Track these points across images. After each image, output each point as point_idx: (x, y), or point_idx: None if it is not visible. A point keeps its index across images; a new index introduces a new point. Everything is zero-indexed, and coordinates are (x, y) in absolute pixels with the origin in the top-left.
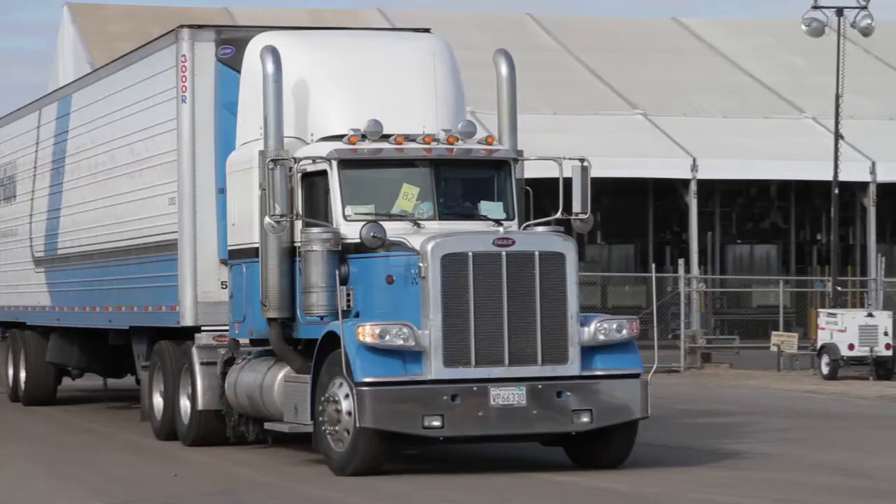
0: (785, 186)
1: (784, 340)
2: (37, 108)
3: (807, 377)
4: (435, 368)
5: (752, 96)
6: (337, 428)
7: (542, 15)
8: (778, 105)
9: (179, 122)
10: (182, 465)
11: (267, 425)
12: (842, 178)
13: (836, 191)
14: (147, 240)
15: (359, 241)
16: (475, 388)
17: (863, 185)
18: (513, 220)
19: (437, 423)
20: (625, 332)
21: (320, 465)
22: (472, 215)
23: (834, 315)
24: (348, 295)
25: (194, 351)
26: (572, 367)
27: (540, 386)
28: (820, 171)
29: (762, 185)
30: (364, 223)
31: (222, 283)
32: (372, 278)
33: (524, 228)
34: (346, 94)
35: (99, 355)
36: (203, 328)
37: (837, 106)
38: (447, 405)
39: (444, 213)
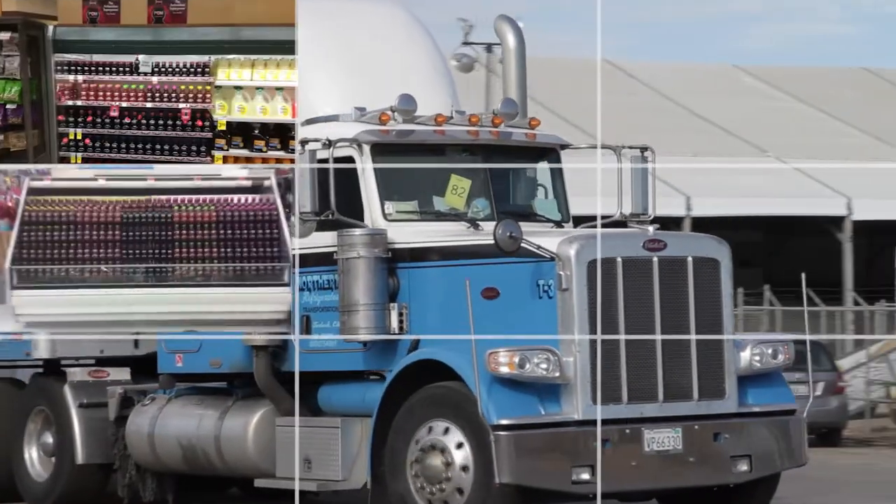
0: None
1: None
2: None
3: None
4: (582, 406)
5: None
6: (443, 486)
7: None
8: None
9: None
10: None
11: (260, 482)
12: None
13: None
14: None
15: (414, 245)
16: (628, 431)
17: None
18: (567, 221)
19: (586, 476)
20: (780, 357)
21: None
22: (530, 215)
23: None
24: (401, 314)
25: (67, 390)
26: (729, 402)
27: (696, 426)
28: None
29: None
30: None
31: None
32: (454, 292)
33: None
34: (333, 67)
35: None
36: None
37: None
38: (597, 453)
39: (501, 213)
